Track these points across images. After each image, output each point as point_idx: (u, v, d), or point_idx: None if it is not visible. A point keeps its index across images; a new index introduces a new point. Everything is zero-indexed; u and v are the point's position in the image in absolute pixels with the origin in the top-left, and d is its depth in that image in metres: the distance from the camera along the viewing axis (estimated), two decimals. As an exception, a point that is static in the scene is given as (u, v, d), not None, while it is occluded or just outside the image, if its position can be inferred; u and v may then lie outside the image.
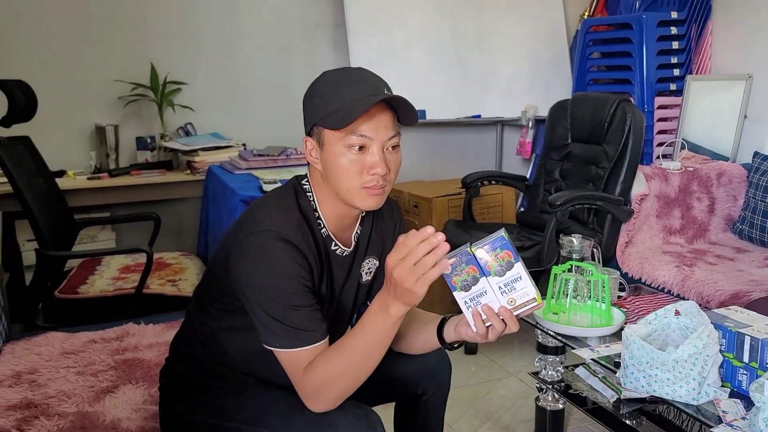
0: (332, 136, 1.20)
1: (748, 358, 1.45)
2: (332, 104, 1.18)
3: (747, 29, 3.33)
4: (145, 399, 1.59)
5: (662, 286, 2.50)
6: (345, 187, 1.21)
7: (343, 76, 1.23)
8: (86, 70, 3.28)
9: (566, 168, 3.03)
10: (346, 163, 1.19)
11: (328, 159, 1.21)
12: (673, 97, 3.38)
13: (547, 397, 2.10)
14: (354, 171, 1.20)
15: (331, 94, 1.20)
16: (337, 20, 3.67)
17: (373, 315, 1.15)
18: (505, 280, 1.12)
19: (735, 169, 3.08)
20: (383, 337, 1.15)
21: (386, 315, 1.12)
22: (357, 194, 1.21)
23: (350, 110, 1.16)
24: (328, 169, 1.22)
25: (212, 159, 3.20)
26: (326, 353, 1.18)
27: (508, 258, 1.11)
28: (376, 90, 1.20)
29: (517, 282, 1.12)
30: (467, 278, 1.12)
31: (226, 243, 1.26)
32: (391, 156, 1.22)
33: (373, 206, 1.24)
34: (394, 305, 1.11)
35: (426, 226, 1.09)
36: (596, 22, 3.65)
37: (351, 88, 1.19)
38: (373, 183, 1.20)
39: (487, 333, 1.16)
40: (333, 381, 1.16)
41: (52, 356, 1.80)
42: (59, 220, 2.50)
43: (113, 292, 2.35)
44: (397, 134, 1.23)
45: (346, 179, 1.20)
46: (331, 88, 1.21)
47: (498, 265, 1.11)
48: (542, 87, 3.91)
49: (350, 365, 1.16)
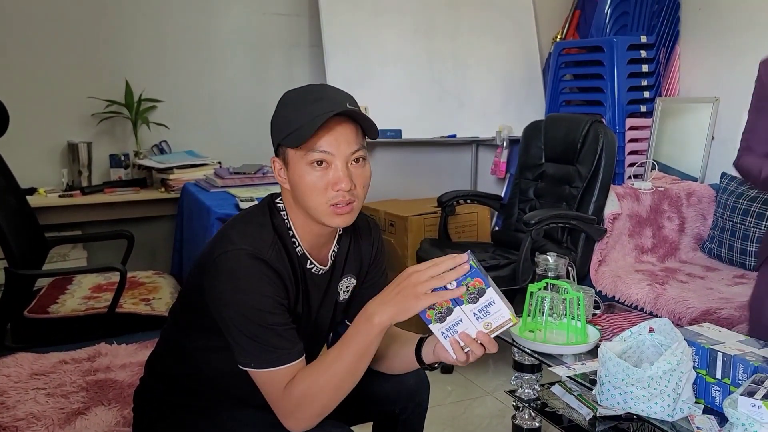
0: (295, 154, 1.19)
1: (721, 374, 1.47)
2: (293, 123, 1.18)
3: (713, 54, 3.43)
4: (117, 421, 1.55)
5: (635, 303, 2.53)
6: (312, 205, 1.20)
7: (304, 94, 1.22)
8: (59, 87, 3.24)
9: (540, 187, 3.06)
10: (310, 180, 1.18)
11: (294, 178, 1.21)
12: (644, 119, 3.46)
13: (524, 415, 2.10)
14: (319, 188, 1.18)
15: (292, 113, 1.19)
16: (314, 40, 3.69)
17: (356, 326, 1.15)
18: (479, 306, 1.11)
19: (704, 190, 3.15)
20: (365, 349, 1.15)
21: (370, 324, 1.12)
22: (325, 212, 1.21)
23: (307, 128, 1.15)
24: (295, 189, 1.22)
25: (187, 177, 3.18)
26: (306, 369, 1.18)
27: (479, 285, 1.10)
28: (336, 105, 1.17)
29: (491, 306, 1.11)
30: (441, 310, 1.12)
31: (201, 262, 1.25)
32: (357, 170, 1.21)
33: (342, 224, 1.23)
34: (380, 313, 1.11)
35: (463, 254, 1.11)
36: (568, 44, 3.73)
37: (312, 105, 1.18)
38: (339, 199, 1.19)
39: (467, 358, 1.16)
40: (313, 396, 1.15)
41: (21, 377, 1.76)
42: (29, 238, 2.45)
43: (85, 311, 2.31)
44: (362, 147, 1.21)
45: (313, 197, 1.19)
46: (292, 107, 1.20)
47: (470, 293, 1.10)
48: (516, 108, 3.97)
49: (331, 378, 1.15)
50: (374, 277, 1.44)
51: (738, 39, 3.30)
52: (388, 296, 1.13)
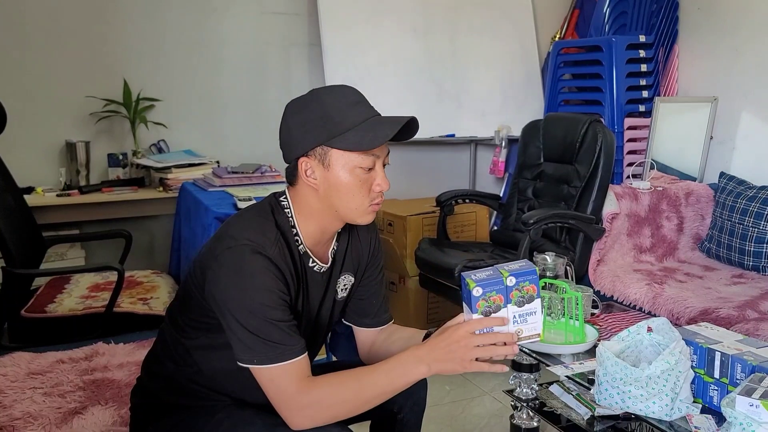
0: (342, 156, 1.20)
1: (719, 374, 1.47)
2: (341, 125, 1.19)
3: (712, 53, 3.43)
4: (115, 420, 1.55)
5: (634, 303, 2.53)
6: (354, 206, 1.23)
7: (340, 95, 1.23)
8: (57, 86, 3.23)
9: (539, 187, 3.06)
10: (356, 182, 1.21)
11: (334, 179, 1.21)
12: (642, 119, 3.45)
13: (522, 414, 2.10)
14: (364, 190, 1.22)
15: (337, 114, 1.20)
16: (312, 39, 3.69)
17: (403, 362, 1.16)
18: (522, 311, 1.14)
19: (702, 189, 3.15)
20: (400, 386, 1.17)
21: (415, 368, 1.15)
22: (365, 211, 1.25)
23: (372, 132, 1.18)
24: (333, 189, 1.22)
25: (185, 176, 3.18)
26: (335, 376, 1.19)
27: (532, 292, 1.13)
28: (374, 110, 1.24)
29: (532, 316, 1.14)
30: (491, 305, 1.13)
31: (202, 259, 1.25)
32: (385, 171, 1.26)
33: (371, 221, 1.28)
34: (429, 365, 1.14)
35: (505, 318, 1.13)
36: (567, 44, 3.73)
37: (355, 108, 1.21)
38: (378, 199, 1.25)
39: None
40: (331, 404, 1.16)
41: (18, 377, 1.76)
42: (27, 238, 2.44)
43: (82, 310, 2.30)
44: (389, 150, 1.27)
45: (357, 198, 1.22)
46: (334, 108, 1.20)
47: (521, 296, 1.13)
48: (515, 107, 3.97)
49: (356, 397, 1.17)
50: (372, 275, 1.44)
51: (737, 39, 3.30)
52: (439, 348, 1.14)
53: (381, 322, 1.46)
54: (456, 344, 1.13)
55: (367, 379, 1.17)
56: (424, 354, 1.16)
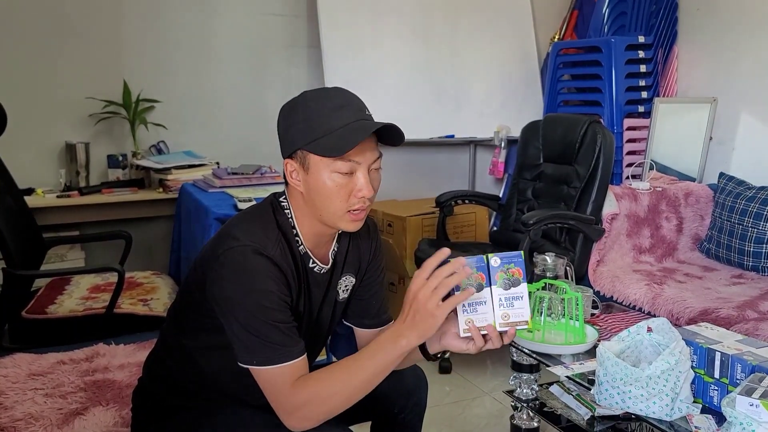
0: (320, 161, 1.18)
1: (719, 374, 1.47)
2: (319, 129, 1.17)
3: (711, 54, 3.43)
4: (116, 421, 1.55)
5: (633, 304, 2.53)
6: (331, 210, 1.21)
7: (325, 98, 1.21)
8: (57, 87, 3.23)
9: (538, 188, 3.07)
10: (333, 187, 1.19)
11: (314, 183, 1.20)
12: (642, 119, 3.46)
13: (522, 415, 2.11)
14: (342, 195, 1.19)
15: (317, 119, 1.18)
16: (312, 41, 3.69)
17: (383, 343, 1.15)
18: (508, 294, 1.14)
19: (701, 190, 3.15)
20: (385, 366, 1.16)
21: (395, 345, 1.13)
22: (342, 217, 1.22)
23: (344, 138, 1.15)
24: (312, 193, 1.21)
25: (185, 177, 3.18)
26: (323, 371, 1.18)
27: (518, 275, 1.14)
28: (360, 114, 1.20)
29: (518, 300, 1.14)
30: (473, 283, 1.13)
31: (203, 259, 1.25)
32: (374, 176, 1.23)
33: (355, 229, 1.25)
34: (407, 336, 1.12)
35: (442, 248, 1.11)
36: (566, 45, 3.74)
37: (338, 113, 1.18)
38: (358, 206, 1.21)
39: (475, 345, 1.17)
40: (324, 399, 1.16)
41: (19, 378, 1.76)
42: (27, 239, 2.44)
43: (83, 312, 2.30)
44: (380, 155, 1.23)
45: (333, 203, 1.20)
46: (316, 112, 1.19)
47: (506, 278, 1.13)
48: (514, 108, 3.97)
49: (346, 386, 1.16)
50: (373, 276, 1.44)
51: (736, 39, 3.30)
52: (407, 320, 1.13)
53: (381, 322, 1.46)
54: (415, 302, 1.11)
55: (354, 367, 1.16)
56: (396, 328, 1.14)
